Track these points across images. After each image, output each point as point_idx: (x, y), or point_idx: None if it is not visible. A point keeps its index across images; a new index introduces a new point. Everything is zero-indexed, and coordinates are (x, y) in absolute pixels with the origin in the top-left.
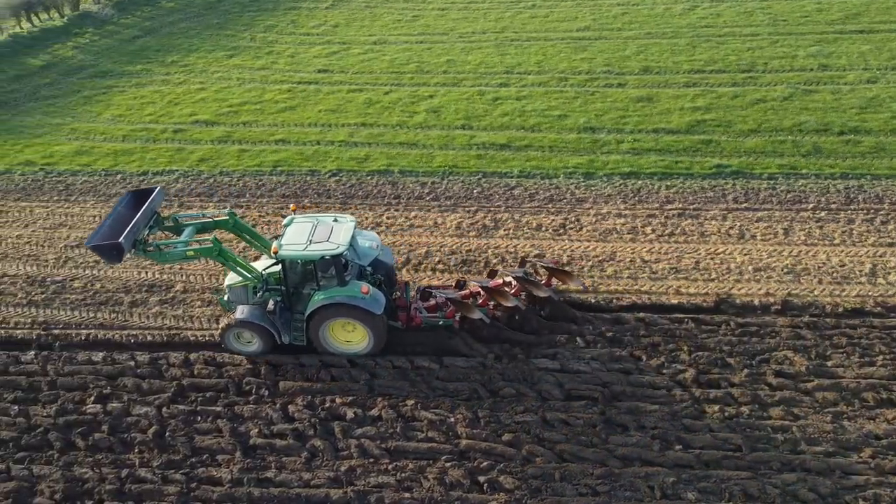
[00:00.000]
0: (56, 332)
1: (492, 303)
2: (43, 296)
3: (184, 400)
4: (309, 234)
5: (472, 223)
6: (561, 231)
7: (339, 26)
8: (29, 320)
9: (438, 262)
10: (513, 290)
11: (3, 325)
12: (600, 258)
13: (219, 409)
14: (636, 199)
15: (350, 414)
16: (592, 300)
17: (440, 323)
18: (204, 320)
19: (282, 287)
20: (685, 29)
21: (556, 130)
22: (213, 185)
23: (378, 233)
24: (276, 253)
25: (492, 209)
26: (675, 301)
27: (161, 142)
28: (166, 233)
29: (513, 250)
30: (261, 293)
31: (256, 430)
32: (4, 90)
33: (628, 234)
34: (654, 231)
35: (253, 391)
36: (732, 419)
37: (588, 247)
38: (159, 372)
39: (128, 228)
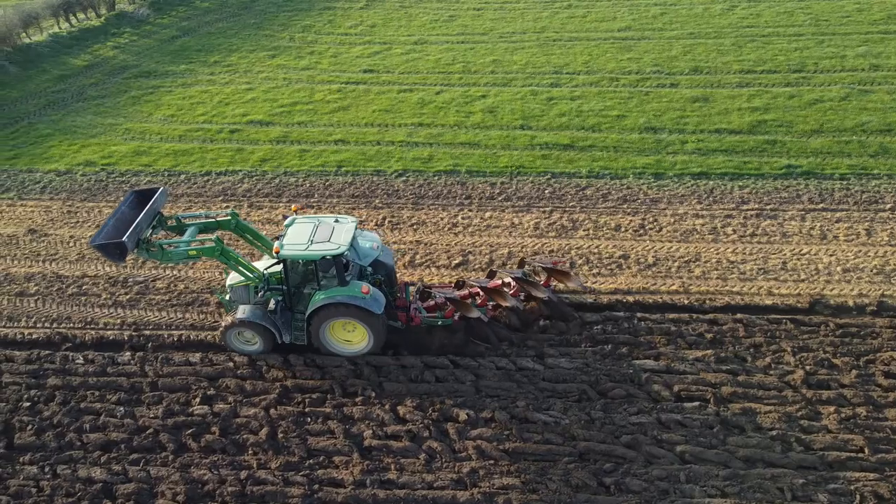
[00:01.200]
0: (147, 332)
1: (491, 303)
2: (127, 296)
3: (289, 401)
4: (310, 234)
5: (550, 224)
6: (641, 232)
7: (377, 26)
8: (118, 321)
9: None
10: (511, 291)
11: (92, 326)
12: (686, 259)
13: (328, 410)
14: (710, 199)
15: (462, 416)
16: (686, 301)
17: (439, 323)
18: None
19: (283, 287)
20: (727, 29)
21: (616, 130)
22: (280, 185)
23: (455, 233)
24: (277, 253)
25: (566, 209)
26: (768, 302)
27: (218, 142)
28: (169, 232)
29: (596, 251)
30: (262, 293)
31: (370, 432)
32: (51, 90)
33: (709, 234)
34: (734, 232)
35: (359, 392)
36: (849, 420)
37: (671, 248)
38: (260, 373)
39: (131, 228)
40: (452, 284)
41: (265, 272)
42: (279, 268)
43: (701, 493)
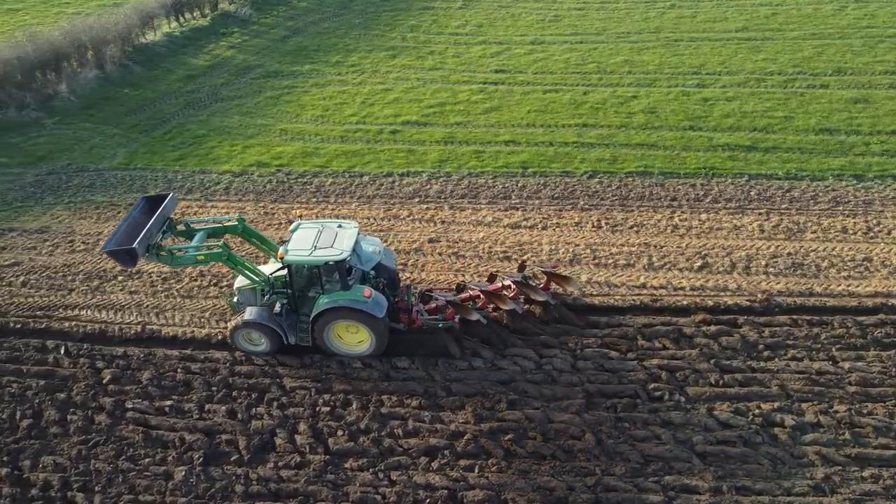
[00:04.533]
0: None
1: (491, 306)
2: None
3: (597, 406)
4: (314, 239)
5: (774, 226)
6: (871, 234)
7: (483, 26)
8: None
9: (766, 265)
10: (511, 294)
11: None
12: None
13: (644, 415)
14: None
15: (788, 420)
16: None
17: (440, 325)
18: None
19: (288, 290)
20: (849, 30)
21: (790, 132)
22: (470, 186)
23: (680, 235)
24: (282, 258)
25: (781, 212)
26: None
27: (383, 142)
28: (179, 238)
29: (836, 253)
30: (268, 296)
31: (701, 438)
32: (183, 90)
33: None
34: None
35: (665, 397)
36: None
37: None
38: (552, 378)
39: (141, 234)
40: (453, 288)
41: (271, 276)
42: (284, 271)
43: None
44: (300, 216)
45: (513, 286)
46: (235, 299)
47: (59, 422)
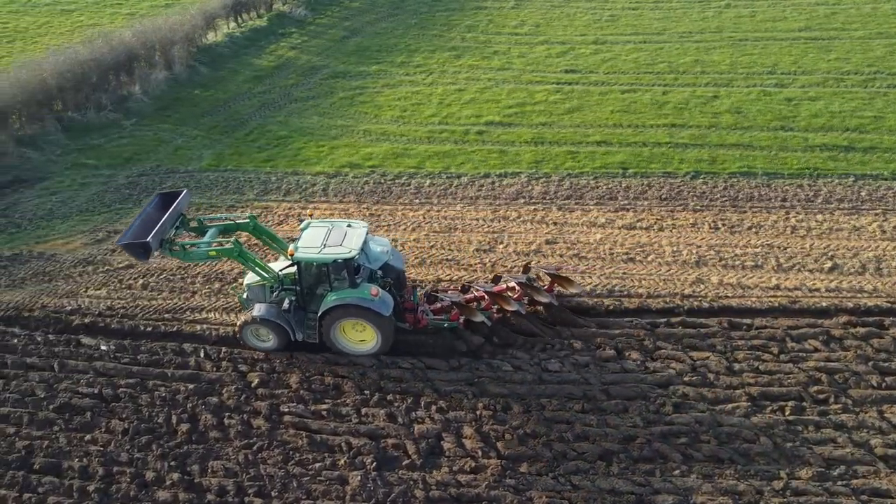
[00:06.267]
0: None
1: (495, 307)
2: None
3: (762, 409)
4: (323, 238)
5: (895, 227)
6: None
7: (541, 26)
8: None
9: None
10: (515, 295)
11: None
12: None
13: (815, 418)
14: None
15: None
16: None
17: (444, 325)
18: None
19: (296, 287)
20: None
21: (884, 132)
22: (573, 187)
23: (800, 236)
24: (291, 255)
25: None
26: None
27: (471, 143)
28: (191, 233)
29: None
30: (277, 292)
31: (879, 440)
32: (254, 91)
33: None
34: None
35: (831, 399)
36: None
37: None
38: (707, 380)
39: (156, 229)
40: (459, 288)
41: (280, 273)
42: (293, 269)
43: None
44: (310, 215)
45: (517, 287)
46: (245, 295)
47: (217, 426)
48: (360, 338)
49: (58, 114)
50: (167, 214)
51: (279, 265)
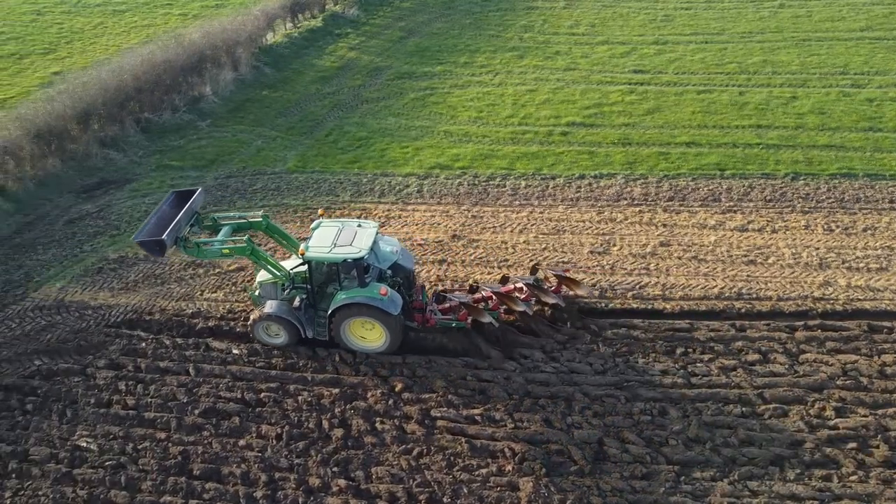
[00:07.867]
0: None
1: (503, 307)
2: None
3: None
4: (334, 237)
5: None
6: None
7: (596, 26)
8: None
9: None
10: (523, 296)
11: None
12: None
13: None
14: None
15: None
16: None
17: (453, 325)
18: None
19: (307, 285)
20: None
21: None
22: (673, 189)
23: None
24: (302, 254)
25: None
26: None
27: (557, 144)
28: (205, 231)
29: None
30: (288, 290)
31: None
32: (322, 92)
33: None
34: None
35: None
36: None
37: None
38: (864, 385)
39: (171, 226)
40: (467, 289)
41: (291, 271)
42: (304, 267)
43: None
44: (321, 214)
45: (525, 288)
46: (257, 293)
47: (370, 431)
48: (368, 336)
49: (135, 115)
50: (182, 212)
51: (291, 264)
